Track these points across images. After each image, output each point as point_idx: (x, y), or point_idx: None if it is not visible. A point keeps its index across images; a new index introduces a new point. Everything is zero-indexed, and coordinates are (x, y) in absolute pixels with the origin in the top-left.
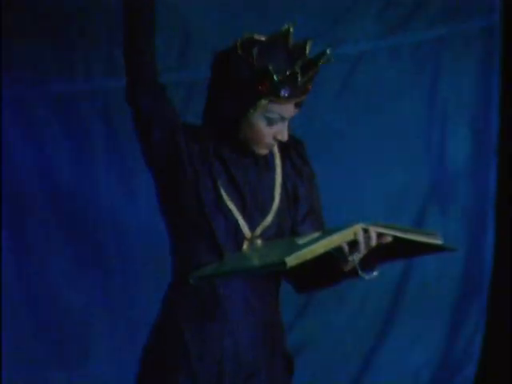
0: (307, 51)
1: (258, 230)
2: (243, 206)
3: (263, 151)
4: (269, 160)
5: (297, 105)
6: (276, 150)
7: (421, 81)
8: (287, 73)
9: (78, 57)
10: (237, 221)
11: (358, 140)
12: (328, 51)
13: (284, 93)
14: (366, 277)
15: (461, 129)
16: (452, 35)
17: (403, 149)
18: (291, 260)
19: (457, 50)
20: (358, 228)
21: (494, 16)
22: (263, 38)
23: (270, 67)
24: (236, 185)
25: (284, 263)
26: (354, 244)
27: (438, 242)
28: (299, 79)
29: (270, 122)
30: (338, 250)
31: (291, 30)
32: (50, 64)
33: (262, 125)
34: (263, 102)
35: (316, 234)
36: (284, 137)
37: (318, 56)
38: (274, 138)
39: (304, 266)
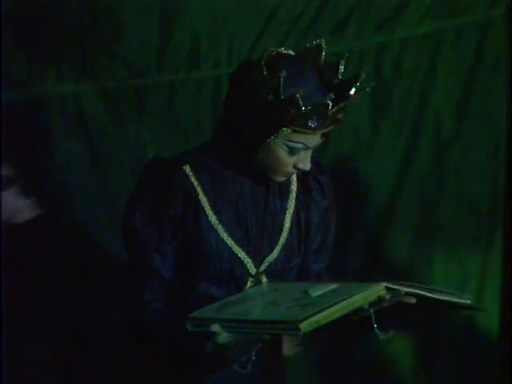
0: (340, 74)
1: (263, 266)
2: (247, 240)
3: (280, 179)
4: (283, 186)
5: (323, 134)
6: (294, 175)
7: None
8: (317, 104)
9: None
10: (239, 258)
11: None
12: (363, 75)
13: (311, 124)
14: (381, 336)
15: None
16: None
17: None
18: (305, 326)
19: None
20: (381, 288)
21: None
22: (292, 53)
23: (298, 96)
24: (240, 217)
25: (298, 329)
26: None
27: (468, 302)
28: (329, 111)
29: (292, 151)
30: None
31: (324, 45)
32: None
33: (282, 153)
34: (286, 130)
35: (332, 286)
36: (306, 166)
37: (351, 84)
38: (295, 167)
39: None
